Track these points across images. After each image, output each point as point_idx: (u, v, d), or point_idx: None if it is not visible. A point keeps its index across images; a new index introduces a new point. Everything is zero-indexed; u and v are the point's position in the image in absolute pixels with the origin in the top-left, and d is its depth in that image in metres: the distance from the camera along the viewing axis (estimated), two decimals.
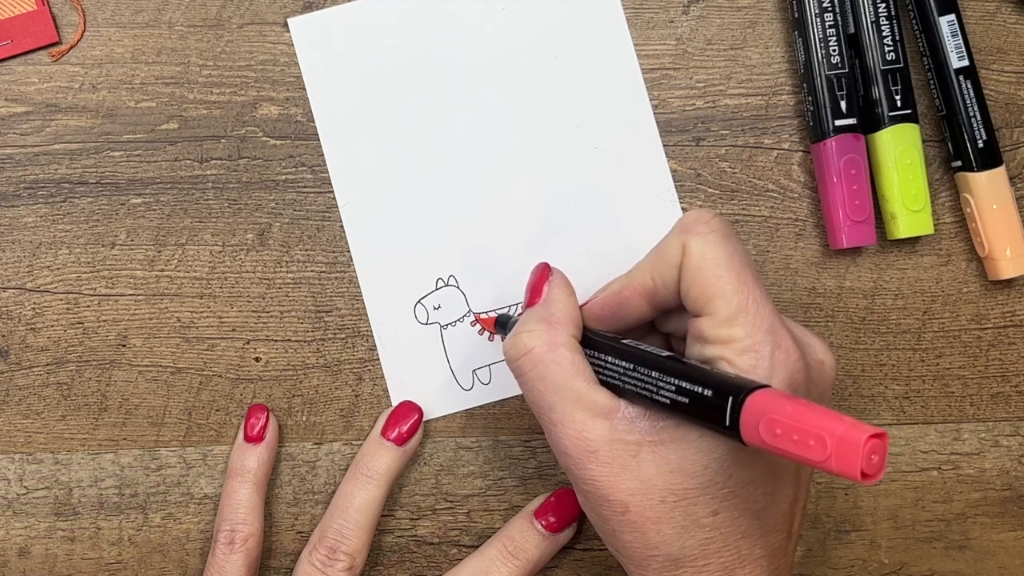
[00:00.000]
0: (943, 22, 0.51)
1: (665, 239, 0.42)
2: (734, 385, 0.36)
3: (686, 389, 0.38)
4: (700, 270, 0.40)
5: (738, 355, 0.39)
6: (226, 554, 0.49)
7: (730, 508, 0.40)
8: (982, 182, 0.51)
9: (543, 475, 0.52)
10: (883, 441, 0.32)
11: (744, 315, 0.39)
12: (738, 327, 0.39)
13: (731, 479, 0.39)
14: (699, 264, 0.40)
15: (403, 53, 0.52)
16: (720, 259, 0.40)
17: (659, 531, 0.40)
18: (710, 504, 0.40)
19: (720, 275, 0.40)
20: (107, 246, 0.51)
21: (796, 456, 0.33)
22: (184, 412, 0.52)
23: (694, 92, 0.52)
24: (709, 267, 0.40)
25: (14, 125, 0.51)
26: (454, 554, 0.52)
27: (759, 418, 0.34)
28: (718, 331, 0.40)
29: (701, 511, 0.40)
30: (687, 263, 0.41)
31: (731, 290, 0.40)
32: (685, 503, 0.39)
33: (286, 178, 0.52)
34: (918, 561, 0.53)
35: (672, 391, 0.38)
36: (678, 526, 0.40)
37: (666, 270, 0.41)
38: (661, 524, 0.40)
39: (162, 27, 0.52)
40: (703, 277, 0.40)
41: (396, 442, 0.50)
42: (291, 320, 0.52)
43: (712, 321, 0.40)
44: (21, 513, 0.51)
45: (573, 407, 0.41)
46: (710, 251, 0.40)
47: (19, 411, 0.51)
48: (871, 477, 0.32)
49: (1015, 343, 0.53)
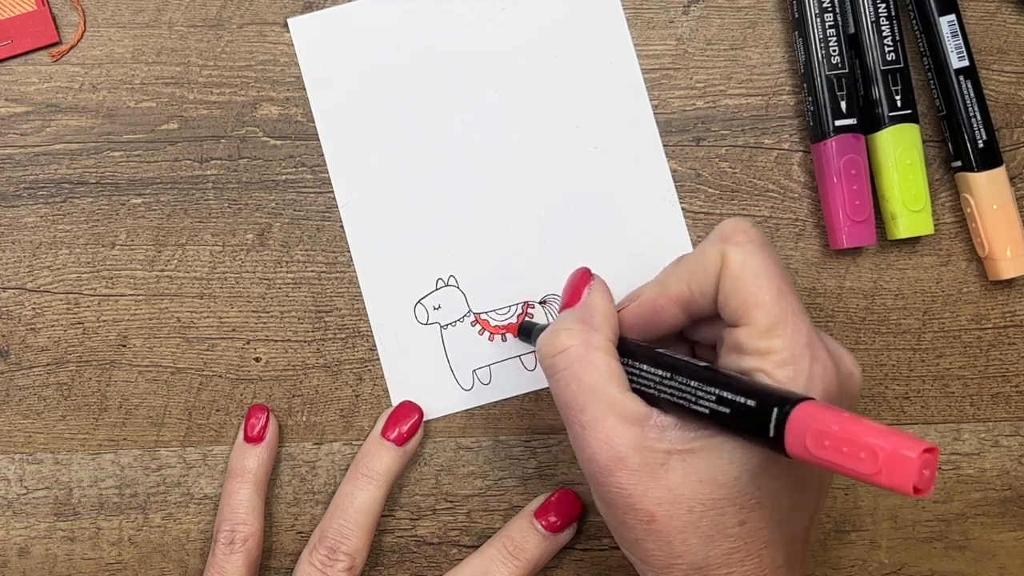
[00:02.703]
0: (943, 22, 0.51)
1: (702, 248, 0.42)
2: (779, 396, 0.36)
3: (728, 399, 0.38)
4: (740, 280, 0.40)
5: (777, 367, 0.39)
6: (226, 554, 0.49)
7: (756, 518, 0.40)
8: (982, 182, 0.51)
9: (543, 475, 0.52)
10: (934, 455, 0.32)
11: (783, 327, 0.39)
12: (777, 339, 0.39)
13: (759, 490, 0.39)
14: (739, 274, 0.40)
15: (403, 53, 0.52)
16: (760, 270, 0.40)
17: (685, 540, 0.40)
18: (737, 514, 0.39)
19: (760, 286, 0.40)
20: (107, 246, 0.52)
21: (844, 469, 0.33)
22: (184, 412, 0.52)
23: (694, 92, 0.52)
24: (749, 277, 0.40)
25: (14, 125, 0.51)
26: (454, 554, 0.52)
27: (806, 430, 0.34)
28: (756, 342, 0.39)
29: (728, 521, 0.39)
30: (726, 273, 0.40)
31: (771, 301, 0.39)
32: (713, 513, 0.39)
33: (286, 178, 0.52)
34: (918, 561, 0.53)
35: (712, 401, 0.38)
36: (704, 536, 0.39)
37: (704, 279, 0.41)
38: (687, 533, 0.39)
39: (162, 27, 0.52)
40: (743, 287, 0.40)
41: (396, 442, 0.50)
42: (291, 320, 0.52)
43: (751, 332, 0.40)
44: (21, 513, 0.51)
45: (605, 411, 0.40)
46: (750, 261, 0.40)
47: (19, 411, 0.51)
48: (922, 492, 0.32)
49: (1015, 343, 0.53)
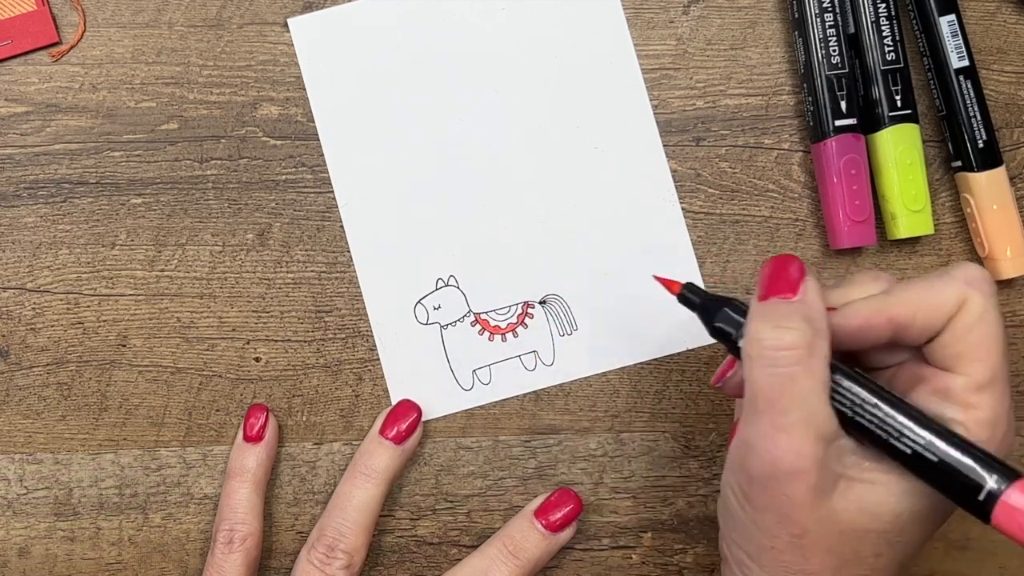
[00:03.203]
0: (943, 22, 0.51)
1: (940, 283, 0.41)
2: (999, 466, 0.37)
3: (941, 450, 0.38)
4: (975, 330, 0.39)
5: (978, 425, 0.39)
6: (225, 554, 0.49)
7: (892, 553, 0.40)
8: (982, 182, 0.51)
9: (543, 475, 0.52)
10: None
11: (994, 387, 0.39)
12: (986, 397, 0.39)
13: (907, 530, 0.40)
14: (975, 324, 0.40)
15: (403, 53, 0.52)
16: (994, 324, 0.40)
17: (823, 560, 0.40)
18: (879, 546, 0.39)
19: (992, 343, 0.39)
20: (107, 246, 0.52)
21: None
22: (184, 412, 0.52)
23: (694, 92, 0.52)
24: (985, 328, 0.40)
25: (14, 125, 0.51)
26: (454, 554, 0.52)
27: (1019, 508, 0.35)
28: (967, 395, 0.39)
29: (868, 550, 0.39)
30: (963, 318, 0.40)
31: (996, 360, 0.39)
32: (859, 541, 0.39)
33: (286, 178, 0.52)
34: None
35: (920, 445, 0.38)
36: (841, 558, 0.39)
37: (935, 314, 0.40)
38: (830, 555, 0.39)
39: (162, 27, 0.52)
40: (975, 337, 0.39)
41: (395, 441, 0.50)
42: (291, 320, 0.52)
43: (966, 383, 0.39)
44: (21, 513, 0.51)
45: (808, 423, 0.39)
46: (989, 313, 0.40)
47: (19, 411, 0.51)
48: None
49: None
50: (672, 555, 0.52)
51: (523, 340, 0.52)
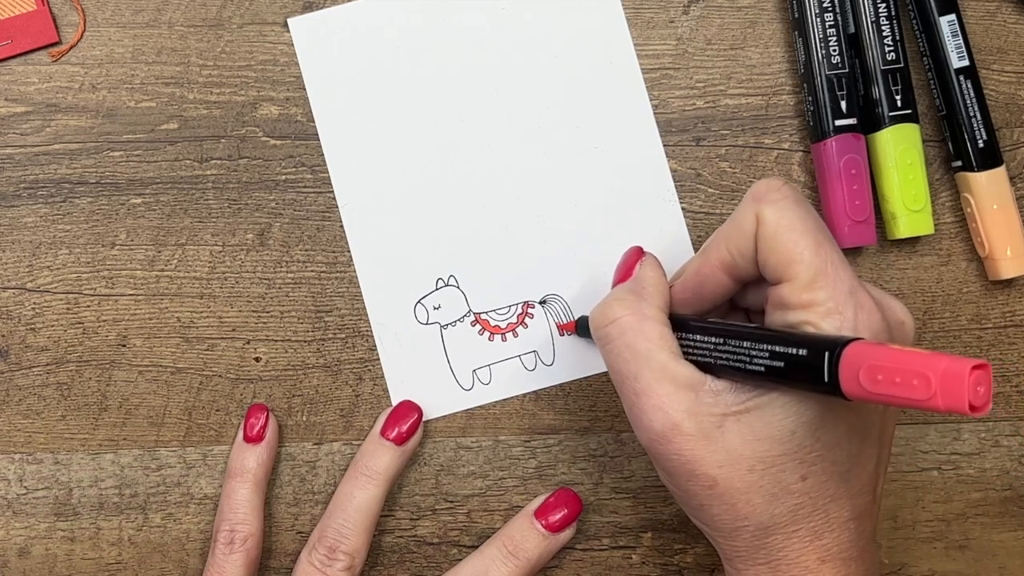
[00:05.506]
0: (943, 22, 0.51)
1: (738, 211, 0.42)
2: (829, 341, 0.36)
3: (780, 353, 0.38)
4: (776, 237, 0.40)
5: (822, 318, 0.39)
6: (225, 554, 0.49)
7: (818, 472, 0.40)
8: (982, 182, 0.51)
9: (543, 475, 0.52)
10: (986, 372, 0.32)
11: (824, 278, 0.40)
12: (819, 290, 0.39)
13: (818, 442, 0.40)
14: (775, 231, 0.40)
15: (403, 53, 0.52)
16: (795, 224, 0.40)
17: (748, 501, 0.40)
18: (798, 469, 0.40)
19: (797, 240, 0.40)
20: (107, 246, 0.52)
21: (900, 399, 0.33)
22: (184, 412, 0.52)
23: (694, 92, 0.52)
24: (785, 233, 0.40)
25: (14, 125, 0.51)
26: (454, 554, 0.52)
27: (858, 368, 0.34)
28: (799, 296, 0.40)
29: (789, 477, 0.40)
30: (763, 231, 0.41)
31: (810, 254, 0.40)
32: (774, 470, 0.40)
33: (286, 178, 0.52)
34: (918, 561, 0.53)
35: (766, 358, 0.38)
36: (767, 494, 0.40)
37: (742, 241, 0.42)
38: (750, 494, 0.40)
39: (162, 27, 0.52)
40: (780, 243, 0.40)
41: (395, 441, 0.50)
42: (291, 320, 0.52)
43: (793, 286, 0.40)
44: (21, 513, 0.51)
45: (659, 378, 0.41)
46: (784, 217, 0.40)
47: (19, 411, 0.51)
48: (979, 409, 0.32)
49: (1015, 343, 0.53)
50: (672, 555, 0.52)
51: (523, 340, 0.52)
